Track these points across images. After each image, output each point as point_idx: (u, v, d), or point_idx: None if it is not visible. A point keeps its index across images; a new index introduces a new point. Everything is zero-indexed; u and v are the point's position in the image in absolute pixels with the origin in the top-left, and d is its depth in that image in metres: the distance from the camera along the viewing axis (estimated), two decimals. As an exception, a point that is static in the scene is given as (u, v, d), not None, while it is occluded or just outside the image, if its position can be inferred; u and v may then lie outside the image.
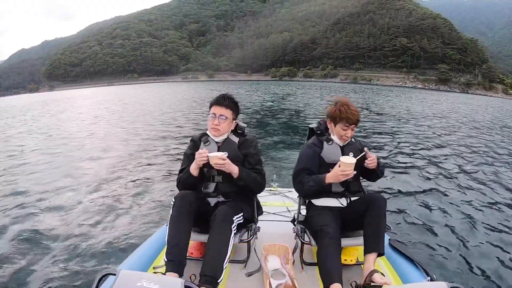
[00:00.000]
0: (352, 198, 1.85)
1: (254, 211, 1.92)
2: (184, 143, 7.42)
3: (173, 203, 1.60)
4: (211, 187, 1.80)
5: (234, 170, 1.70)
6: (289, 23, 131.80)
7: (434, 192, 4.61)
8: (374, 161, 1.76)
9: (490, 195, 4.51)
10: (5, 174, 5.69)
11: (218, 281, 1.42)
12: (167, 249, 1.49)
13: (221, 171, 1.71)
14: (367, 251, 1.59)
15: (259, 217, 1.99)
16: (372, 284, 1.44)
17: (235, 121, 1.87)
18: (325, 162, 1.83)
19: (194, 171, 1.72)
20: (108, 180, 5.10)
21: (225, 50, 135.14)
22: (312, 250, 1.96)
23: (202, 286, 1.35)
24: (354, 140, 1.94)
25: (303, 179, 1.80)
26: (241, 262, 1.86)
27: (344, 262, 1.70)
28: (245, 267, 1.85)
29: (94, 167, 5.96)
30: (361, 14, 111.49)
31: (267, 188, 3.26)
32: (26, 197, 4.39)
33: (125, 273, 1.12)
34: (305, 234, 1.82)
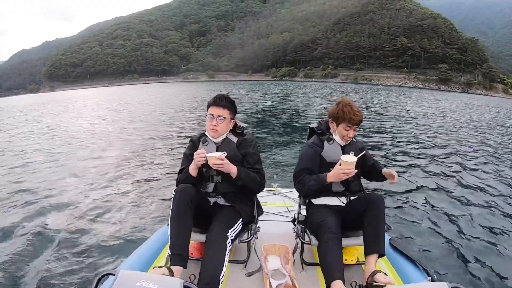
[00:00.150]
0: (352, 198, 1.84)
1: (254, 211, 1.91)
2: (185, 143, 7.41)
3: (173, 196, 1.59)
4: (210, 187, 1.81)
5: (233, 170, 1.69)
6: (289, 23, 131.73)
7: (435, 191, 4.61)
8: (395, 178, 1.73)
9: (491, 195, 4.50)
10: (6, 174, 5.69)
11: None
12: (170, 243, 1.50)
13: (219, 171, 1.70)
14: (367, 252, 1.58)
15: (260, 217, 1.98)
16: (375, 284, 1.43)
17: (233, 120, 1.87)
18: (326, 162, 1.83)
19: (193, 171, 1.71)
20: (109, 180, 5.10)
21: (225, 50, 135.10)
22: (312, 250, 1.96)
23: None
24: (355, 139, 1.94)
25: (304, 179, 1.80)
26: (241, 262, 1.86)
27: (344, 262, 1.70)
28: (245, 267, 1.84)
29: (94, 167, 5.97)
30: (362, 14, 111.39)
31: (267, 188, 3.25)
32: (26, 197, 4.40)
33: (124, 273, 1.13)
34: (305, 234, 1.82)
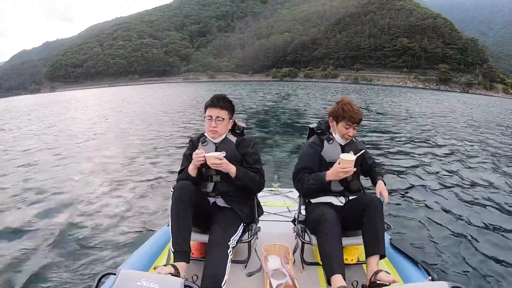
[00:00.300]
0: (351, 197, 1.84)
1: (254, 211, 1.91)
2: (186, 143, 7.38)
3: (172, 193, 1.59)
4: (210, 186, 1.80)
5: (232, 170, 1.69)
6: (289, 23, 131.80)
7: (435, 191, 4.60)
8: (385, 200, 1.74)
9: (491, 195, 4.49)
10: (9, 173, 5.70)
11: None
12: (172, 240, 1.51)
13: (219, 171, 1.71)
14: (368, 254, 1.57)
15: (260, 217, 1.98)
16: (378, 282, 1.43)
17: (232, 120, 1.87)
18: (326, 161, 1.84)
19: (192, 171, 1.72)
20: (110, 180, 5.11)
21: (226, 50, 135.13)
22: (312, 249, 1.96)
23: None
24: (355, 139, 1.95)
25: (303, 178, 1.81)
26: (242, 262, 1.86)
27: (345, 262, 1.69)
28: (245, 267, 1.84)
29: (95, 167, 5.98)
30: (362, 14, 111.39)
31: (267, 188, 3.24)
32: (27, 196, 4.40)
33: (125, 273, 1.13)
34: (306, 234, 1.82)
